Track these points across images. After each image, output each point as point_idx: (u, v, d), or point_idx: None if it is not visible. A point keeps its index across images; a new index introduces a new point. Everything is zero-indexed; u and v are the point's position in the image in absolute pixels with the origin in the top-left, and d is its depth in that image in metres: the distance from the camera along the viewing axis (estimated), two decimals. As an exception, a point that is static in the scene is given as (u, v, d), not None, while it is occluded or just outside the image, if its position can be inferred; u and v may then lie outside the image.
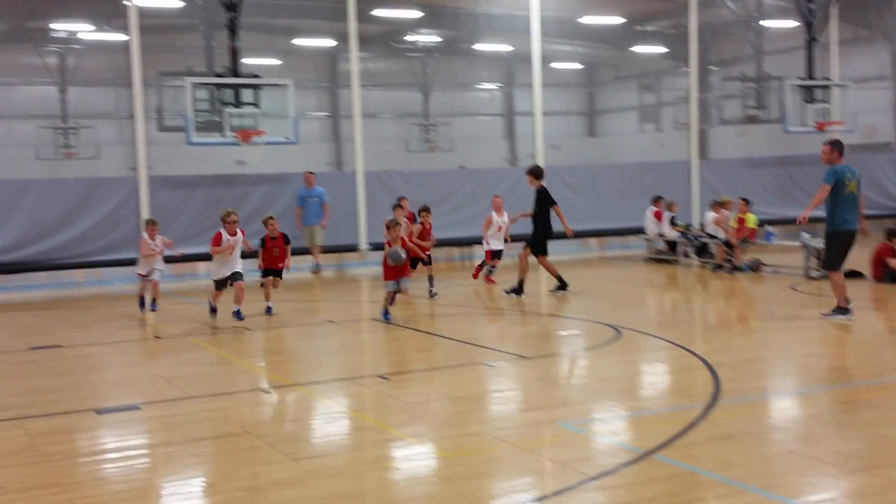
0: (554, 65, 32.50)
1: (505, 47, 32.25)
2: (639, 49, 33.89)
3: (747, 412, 7.79)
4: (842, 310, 11.86)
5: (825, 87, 23.88)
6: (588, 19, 27.56)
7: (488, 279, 17.04)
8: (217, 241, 12.96)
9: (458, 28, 29.74)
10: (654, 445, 6.73)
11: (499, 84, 39.92)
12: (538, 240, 15.39)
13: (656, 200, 21.20)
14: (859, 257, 16.60)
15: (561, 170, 23.18)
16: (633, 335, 11.71)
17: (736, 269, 18.04)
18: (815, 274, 16.43)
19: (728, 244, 18.59)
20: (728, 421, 7.45)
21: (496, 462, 6.71)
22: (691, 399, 8.16)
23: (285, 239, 14.19)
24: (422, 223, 16.03)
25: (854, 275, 16.03)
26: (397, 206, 16.61)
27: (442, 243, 18.49)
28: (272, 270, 14.13)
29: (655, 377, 9.96)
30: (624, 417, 7.99)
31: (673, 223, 20.69)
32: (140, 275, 14.61)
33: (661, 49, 32.35)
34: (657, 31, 30.74)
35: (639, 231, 21.95)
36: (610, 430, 7.61)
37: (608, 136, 40.52)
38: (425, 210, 16.26)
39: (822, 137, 25.19)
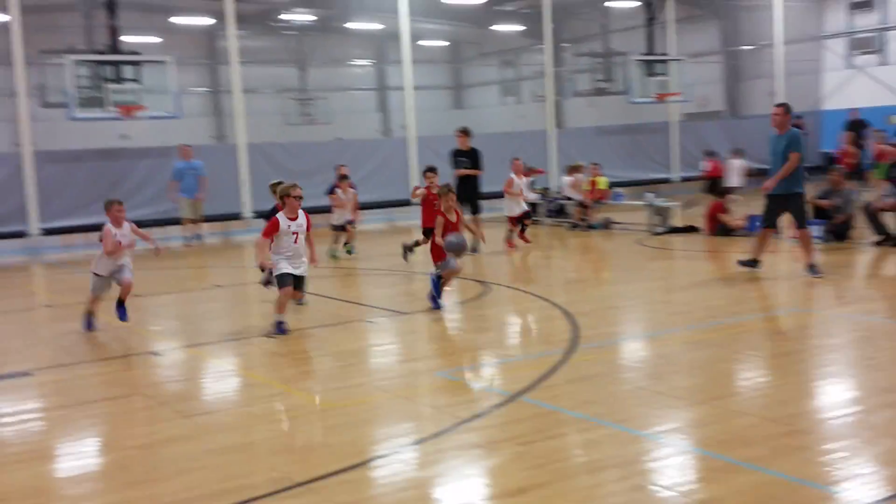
0: (422, 42, 32.39)
1: (376, 26, 31.95)
2: (499, 28, 34.12)
3: (603, 355, 8.01)
4: (812, 268, 11.29)
5: (664, 62, 24.55)
6: (452, 0, 27.61)
7: (510, 243, 15.91)
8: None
9: (331, 7, 29.32)
10: (521, 388, 6.87)
11: (371, 60, 39.61)
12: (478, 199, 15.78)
13: (521, 167, 21.44)
14: (696, 213, 17.23)
15: (431, 140, 23.32)
16: (500, 289, 11.88)
17: (590, 227, 18.45)
18: (658, 230, 16.94)
19: (582, 205, 19.00)
20: (586, 364, 7.64)
21: (378, 410, 6.74)
22: (553, 346, 8.33)
23: None
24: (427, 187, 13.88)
25: (690, 230, 16.63)
26: (429, 170, 14.16)
27: (322, 210, 18.27)
28: None
29: (521, 327, 10.14)
30: (494, 364, 8.12)
31: (533, 187, 20.97)
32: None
33: (519, 27, 32.60)
34: (515, 11, 30.96)
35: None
36: (481, 377, 7.74)
37: (473, 108, 40.70)
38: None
39: (662, 107, 26.07)
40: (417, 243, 13.91)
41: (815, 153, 29.00)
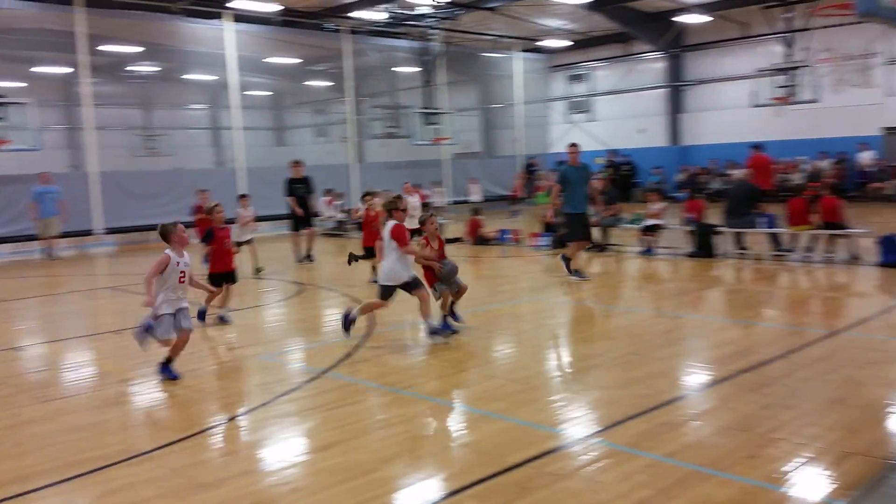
0: (249, 92, 31.35)
1: (211, 77, 30.67)
2: (312, 82, 33.70)
3: (394, 337, 8.08)
4: (576, 272, 11.26)
5: (438, 114, 25.09)
6: (273, 59, 27.02)
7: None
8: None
9: (172, 61, 27.85)
10: (328, 366, 6.83)
11: (207, 105, 38.05)
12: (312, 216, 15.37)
13: (327, 192, 21.54)
14: (459, 227, 17.69)
15: (257, 170, 22.85)
16: (314, 289, 11.74)
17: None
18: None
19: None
20: (379, 345, 7.69)
21: (211, 390, 6.50)
22: (355, 331, 8.32)
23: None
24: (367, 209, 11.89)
25: (457, 240, 17.07)
26: (367, 193, 12.44)
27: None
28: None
29: (330, 318, 10.03)
30: (307, 348, 8.02)
31: (341, 209, 21.03)
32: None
33: (328, 83, 32.30)
34: (324, 70, 30.67)
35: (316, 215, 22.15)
36: (296, 358, 7.63)
37: (292, 146, 39.85)
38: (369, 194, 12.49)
39: (438, 148, 26.64)
40: (358, 258, 11.93)
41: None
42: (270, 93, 37.42)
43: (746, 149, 18.06)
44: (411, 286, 7.60)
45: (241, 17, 21.69)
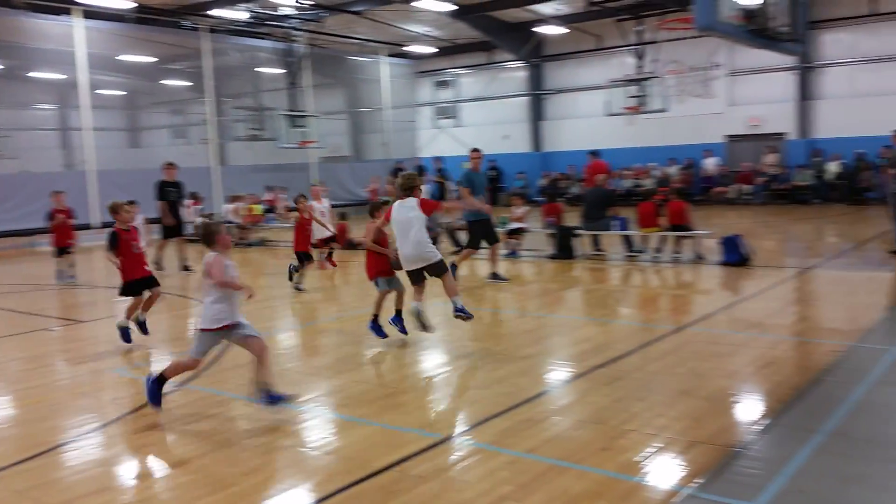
0: (100, 91, 29.69)
1: (58, 75, 28.78)
2: (169, 82, 32.30)
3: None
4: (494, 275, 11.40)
5: (304, 117, 24.72)
6: (127, 57, 25.65)
7: (322, 265, 13.69)
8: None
9: (16, 58, 25.92)
10: (187, 378, 6.55)
11: (56, 104, 35.68)
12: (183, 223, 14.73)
13: (192, 195, 20.67)
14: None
15: (110, 173, 21.70)
16: (176, 299, 11.24)
17: (248, 244, 18.09)
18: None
19: (241, 227, 18.58)
20: (243, 353, 7.45)
21: (62, 406, 6.09)
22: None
23: None
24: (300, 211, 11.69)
25: (330, 240, 16.82)
26: (302, 196, 12.10)
27: (8, 234, 16.11)
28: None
29: (190, 327, 9.65)
30: (166, 360, 7.65)
31: (201, 213, 20.23)
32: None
33: (187, 83, 31.08)
34: (182, 69, 29.52)
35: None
36: (154, 371, 7.26)
37: (148, 147, 38.09)
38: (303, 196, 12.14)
39: (304, 151, 26.23)
40: (297, 269, 11.36)
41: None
42: (124, 92, 35.63)
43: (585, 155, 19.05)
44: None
45: (92, 13, 20.49)
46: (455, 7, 23.19)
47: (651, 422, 5.07)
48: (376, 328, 7.61)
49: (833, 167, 23.61)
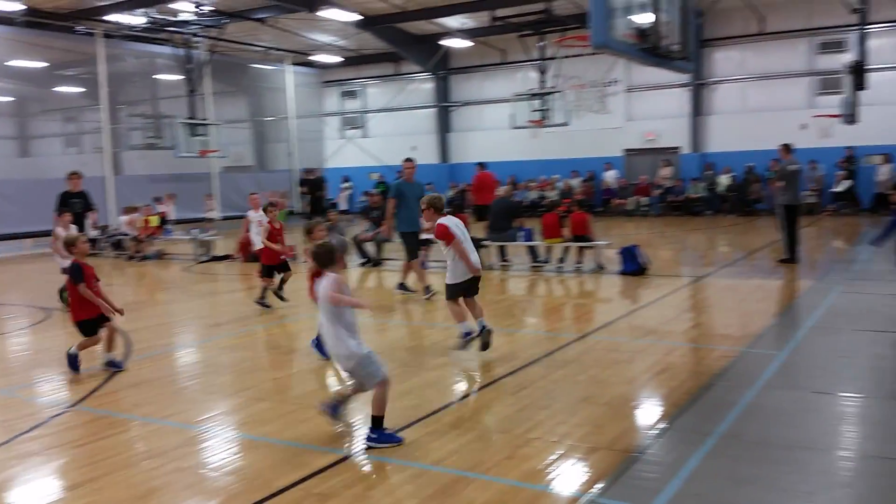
0: (-14, 97, 28.21)
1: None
2: (61, 89, 30.84)
3: (154, 364, 7.59)
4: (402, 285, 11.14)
5: (204, 125, 24.09)
6: (15, 62, 24.34)
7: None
8: None
9: None
10: (78, 398, 6.26)
11: (-64, 111, 33.54)
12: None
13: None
14: (230, 244, 17.06)
15: (-4, 183, 20.49)
16: (62, 314, 10.69)
17: (144, 258, 17.44)
18: (202, 259, 16.56)
19: (137, 239, 17.90)
20: (138, 372, 7.19)
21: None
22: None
23: None
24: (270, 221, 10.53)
25: (227, 258, 16.47)
26: (270, 205, 10.95)
27: None
28: None
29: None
30: (56, 380, 7.26)
31: (94, 226, 19.39)
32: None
33: (80, 89, 29.79)
34: (75, 76, 28.28)
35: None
36: (43, 392, 6.89)
37: (39, 156, 36.20)
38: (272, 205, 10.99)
39: (204, 161, 25.55)
40: (279, 294, 10.40)
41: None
42: (12, 98, 33.85)
43: (475, 167, 19.44)
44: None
45: (-24, 14, 19.38)
46: (360, 18, 23.15)
47: (554, 429, 5.17)
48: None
49: (724, 180, 24.80)
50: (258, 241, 12.12)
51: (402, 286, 11.38)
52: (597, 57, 18.92)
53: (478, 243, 13.88)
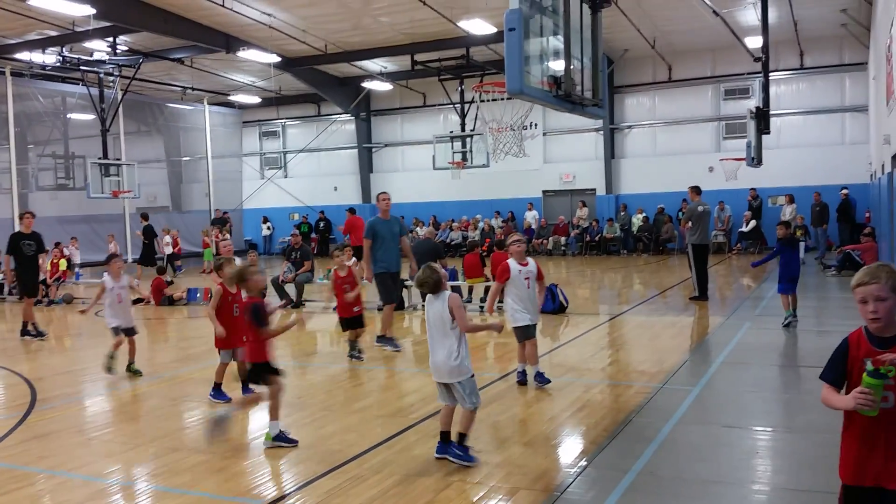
0: None
1: None
2: (-37, 126, 29.57)
3: (59, 413, 7.23)
4: (387, 339, 10.06)
5: (118, 165, 23.45)
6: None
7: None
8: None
9: None
10: (-24, 454, 5.89)
11: None
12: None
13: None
14: (144, 286, 16.51)
15: None
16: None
17: (52, 302, 16.70)
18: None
19: (45, 283, 17.13)
20: (42, 423, 6.83)
21: None
22: (11, 410, 7.31)
23: None
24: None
25: (139, 301, 15.90)
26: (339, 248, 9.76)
27: None
28: None
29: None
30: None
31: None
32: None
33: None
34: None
35: None
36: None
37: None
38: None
39: (117, 202, 24.81)
40: (357, 354, 9.32)
41: (240, 241, 30.01)
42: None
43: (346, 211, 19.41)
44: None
45: None
46: (280, 59, 23.13)
47: (475, 471, 5.16)
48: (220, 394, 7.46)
49: (637, 220, 25.63)
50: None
51: (384, 339, 10.11)
52: (514, 101, 19.41)
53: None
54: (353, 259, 14.89)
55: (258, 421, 6.99)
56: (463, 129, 24.54)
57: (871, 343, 2.91)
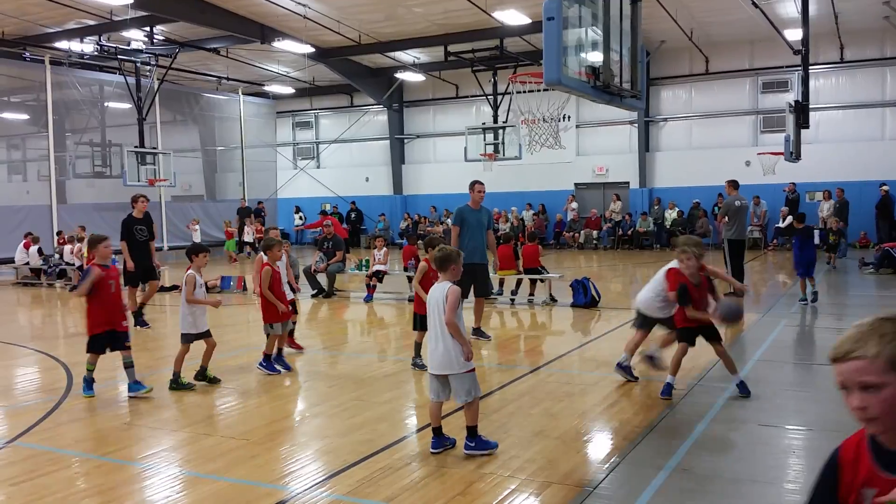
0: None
1: None
2: (6, 115, 30.13)
3: (96, 397, 7.32)
4: (480, 331, 9.86)
5: (154, 154, 23.74)
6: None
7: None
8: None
9: None
10: (16, 434, 6.01)
11: None
12: None
13: (26, 235, 19.50)
14: (178, 275, 16.69)
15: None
16: (4, 346, 10.32)
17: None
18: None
19: (82, 269, 17.43)
20: (77, 407, 6.95)
21: None
22: (50, 393, 7.47)
23: None
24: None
25: (174, 288, 16.09)
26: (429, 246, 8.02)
27: None
28: None
29: (21, 378, 8.89)
30: (-11, 415, 6.99)
31: (40, 253, 18.96)
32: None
33: (25, 116, 29.18)
34: (21, 102, 27.74)
35: (9, 261, 19.84)
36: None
37: (-18, 183, 35.33)
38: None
39: (153, 190, 25.11)
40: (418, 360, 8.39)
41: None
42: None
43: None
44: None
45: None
46: (314, 50, 23.20)
47: (507, 464, 5.14)
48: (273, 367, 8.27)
49: (671, 214, 25.33)
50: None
51: (479, 331, 9.99)
52: (549, 93, 19.27)
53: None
54: (385, 248, 14.93)
55: (289, 408, 7.05)
56: (495, 121, 24.43)
57: (876, 461, 1.71)
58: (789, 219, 23.23)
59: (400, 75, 27.07)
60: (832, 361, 1.74)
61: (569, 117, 26.27)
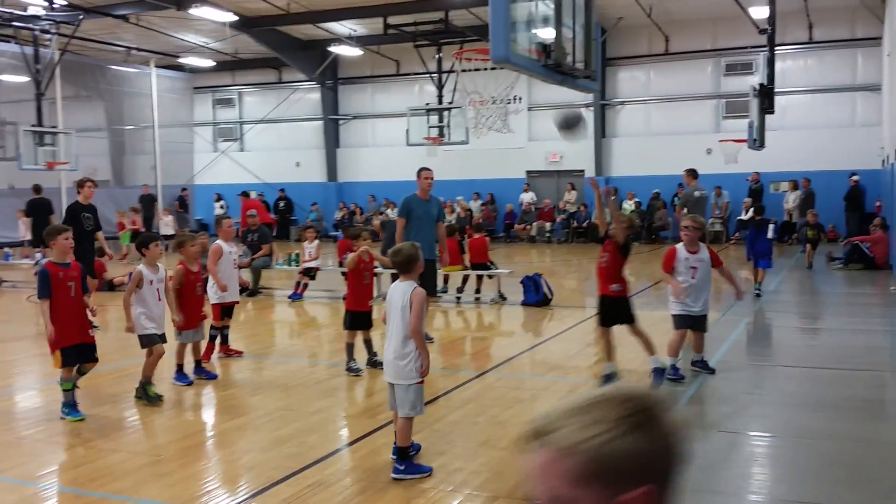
0: None
1: None
2: None
3: (-17, 410, 7.10)
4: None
5: (53, 133, 23.04)
6: None
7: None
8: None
9: None
10: None
11: None
12: None
13: None
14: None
15: None
16: None
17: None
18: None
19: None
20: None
21: None
22: None
23: None
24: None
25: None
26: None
27: None
28: None
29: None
30: None
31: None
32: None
33: None
34: None
35: None
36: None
37: None
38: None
39: (53, 174, 24.40)
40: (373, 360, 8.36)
41: (192, 221, 29.72)
42: None
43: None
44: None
45: None
46: (237, 18, 22.83)
47: (450, 478, 5.16)
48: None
49: (629, 206, 25.75)
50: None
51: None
52: (498, 72, 19.37)
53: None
54: (317, 241, 14.82)
55: (208, 419, 6.94)
56: (440, 102, 24.43)
57: None
58: (752, 211, 23.91)
59: (334, 49, 26.83)
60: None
61: (520, 99, 26.44)
